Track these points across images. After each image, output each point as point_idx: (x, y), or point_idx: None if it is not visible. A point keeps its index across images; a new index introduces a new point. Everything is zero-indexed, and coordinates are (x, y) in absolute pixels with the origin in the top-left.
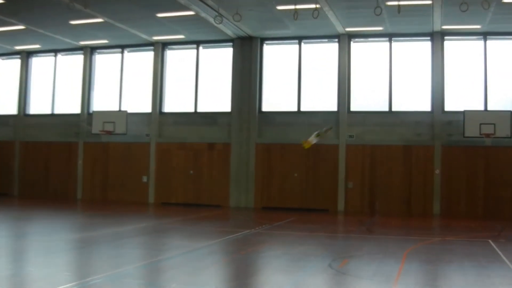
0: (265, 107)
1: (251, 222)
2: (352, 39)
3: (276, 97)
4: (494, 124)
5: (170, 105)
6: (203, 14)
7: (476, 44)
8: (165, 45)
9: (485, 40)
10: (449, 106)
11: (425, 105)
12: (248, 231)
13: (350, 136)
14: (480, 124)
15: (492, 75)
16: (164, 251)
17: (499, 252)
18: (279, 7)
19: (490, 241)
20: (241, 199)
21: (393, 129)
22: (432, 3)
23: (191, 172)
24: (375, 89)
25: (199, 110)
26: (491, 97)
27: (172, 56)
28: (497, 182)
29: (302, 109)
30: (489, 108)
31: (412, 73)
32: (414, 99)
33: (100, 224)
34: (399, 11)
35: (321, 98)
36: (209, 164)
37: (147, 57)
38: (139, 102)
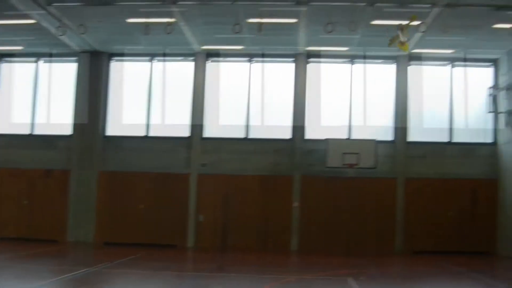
0: (111, 131)
1: (90, 259)
2: (209, 58)
3: (124, 119)
4: (358, 154)
5: (1, 126)
6: (44, 24)
7: (343, 67)
8: (1, 57)
9: (352, 63)
10: (310, 134)
11: (285, 133)
12: (86, 269)
13: (203, 165)
14: (343, 153)
15: (358, 101)
16: None
17: None
18: (130, 20)
19: (349, 279)
20: (81, 233)
21: (249, 157)
22: (298, 22)
23: (25, 202)
24: (232, 113)
25: (35, 132)
26: (355, 125)
27: (7, 69)
28: (360, 216)
29: (152, 134)
30: (353, 137)
31: (273, 97)
32: (274, 125)
33: None
34: (260, 29)
35: (173, 122)
36: (45, 193)
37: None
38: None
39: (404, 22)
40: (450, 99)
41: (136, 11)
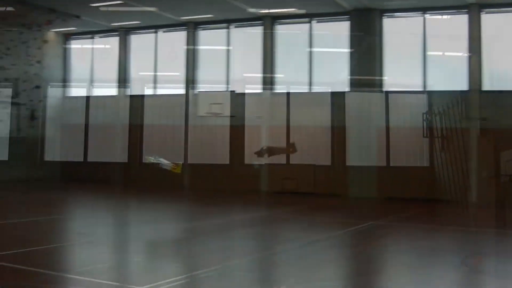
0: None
1: (373, 213)
2: (482, 10)
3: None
4: None
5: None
6: None
7: None
8: (274, 19)
9: None
10: None
11: None
12: (371, 222)
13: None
14: None
15: None
16: (277, 243)
17: None
18: None
19: None
20: (362, 188)
21: None
22: None
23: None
24: None
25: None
26: None
27: (282, 31)
28: None
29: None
30: None
31: None
32: None
33: (209, 214)
34: None
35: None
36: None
37: (255, 32)
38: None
39: None
40: None
41: None
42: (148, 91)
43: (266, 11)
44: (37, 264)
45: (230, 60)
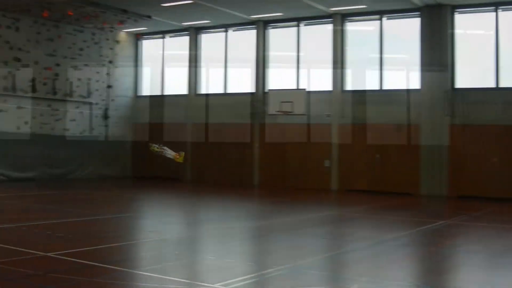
0: (460, 83)
1: (445, 212)
2: None
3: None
4: None
5: (354, 83)
6: None
7: None
8: (344, 16)
9: None
10: None
11: None
12: (443, 221)
13: None
14: None
15: None
16: (349, 242)
17: None
18: None
19: None
20: (434, 186)
21: None
22: None
23: (377, 156)
24: None
25: (384, 87)
26: None
27: (353, 28)
28: None
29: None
30: None
31: None
32: None
33: (278, 212)
34: None
35: None
36: (396, 147)
37: (324, 30)
38: (319, 80)
39: None
40: None
41: None
42: (219, 90)
43: (336, 8)
44: (110, 261)
45: (299, 58)
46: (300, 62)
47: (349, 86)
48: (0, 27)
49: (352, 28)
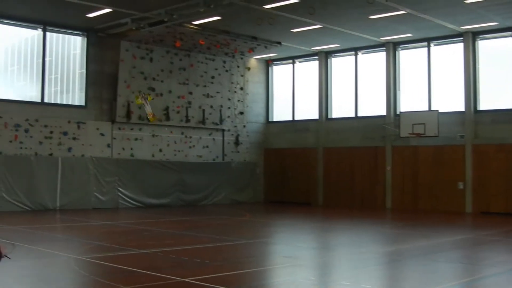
0: None
1: None
2: None
3: None
4: None
5: (487, 102)
6: None
7: None
8: (475, 34)
9: None
10: None
11: None
12: None
13: None
14: None
15: None
16: (487, 267)
17: None
18: None
19: None
20: None
21: None
22: None
23: None
24: None
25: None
26: None
27: (484, 46)
28: None
29: None
30: None
31: None
32: None
33: (411, 236)
34: None
35: None
36: None
37: (456, 49)
38: (450, 100)
39: None
40: None
41: None
42: (349, 113)
43: (467, 27)
44: (246, 287)
45: (430, 79)
46: (431, 82)
47: (483, 105)
48: (135, 58)
49: (484, 45)
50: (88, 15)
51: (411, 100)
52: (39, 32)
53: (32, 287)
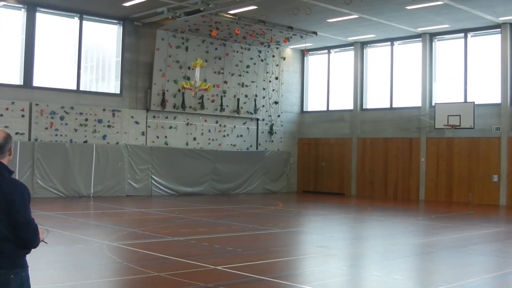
0: None
1: None
2: None
3: None
4: None
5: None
6: None
7: None
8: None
9: None
10: None
11: None
12: None
13: None
14: None
15: None
16: None
17: None
18: None
19: None
20: None
21: None
22: None
23: None
24: None
25: None
26: None
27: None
28: None
29: None
30: None
31: None
32: None
33: (444, 228)
34: None
35: None
36: None
37: (493, 40)
38: (486, 92)
39: None
40: None
41: None
42: (384, 104)
43: (505, 18)
44: (277, 276)
45: (467, 70)
46: (467, 74)
47: None
48: (170, 47)
49: None
50: (124, 4)
51: (446, 92)
52: (75, 21)
53: (65, 272)
